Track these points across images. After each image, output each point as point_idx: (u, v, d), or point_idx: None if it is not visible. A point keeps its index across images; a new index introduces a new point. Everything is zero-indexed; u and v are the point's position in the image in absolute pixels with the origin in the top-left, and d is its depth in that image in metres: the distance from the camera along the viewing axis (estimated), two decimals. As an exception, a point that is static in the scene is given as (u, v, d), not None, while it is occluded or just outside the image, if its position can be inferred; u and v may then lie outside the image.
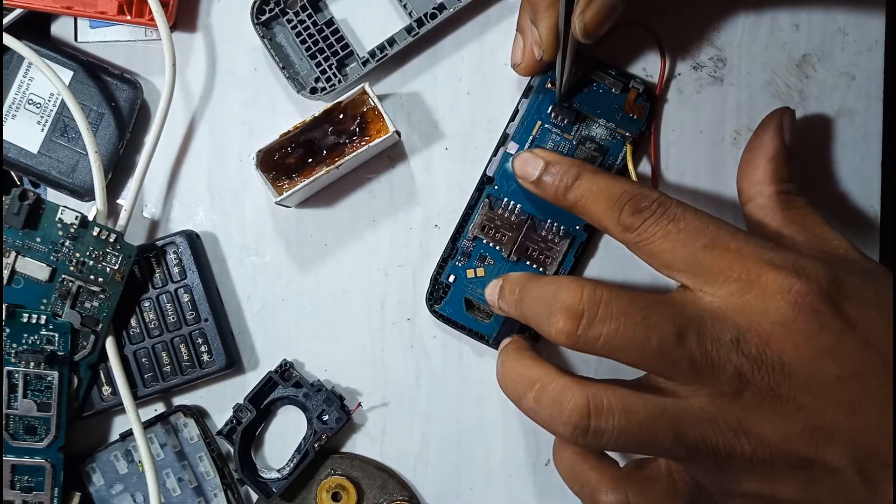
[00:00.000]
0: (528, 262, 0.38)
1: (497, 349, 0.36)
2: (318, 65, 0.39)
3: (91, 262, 0.37)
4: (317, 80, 0.39)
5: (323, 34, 0.39)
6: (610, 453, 0.35)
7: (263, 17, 0.39)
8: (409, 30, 0.39)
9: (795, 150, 0.36)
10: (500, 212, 0.38)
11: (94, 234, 0.37)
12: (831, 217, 0.39)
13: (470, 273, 0.39)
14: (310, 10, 0.39)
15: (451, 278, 0.39)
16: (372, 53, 0.39)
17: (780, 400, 0.29)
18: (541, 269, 0.38)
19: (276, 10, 0.39)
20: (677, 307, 0.30)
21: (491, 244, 0.38)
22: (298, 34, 0.39)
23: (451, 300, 0.39)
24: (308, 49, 0.39)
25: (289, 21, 0.39)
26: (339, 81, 0.39)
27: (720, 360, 0.29)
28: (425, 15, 0.39)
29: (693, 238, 0.31)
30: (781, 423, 0.29)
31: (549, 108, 0.38)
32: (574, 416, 0.30)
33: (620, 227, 0.32)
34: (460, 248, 0.39)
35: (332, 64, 0.39)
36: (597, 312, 0.30)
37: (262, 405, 0.39)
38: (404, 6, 0.39)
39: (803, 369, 0.29)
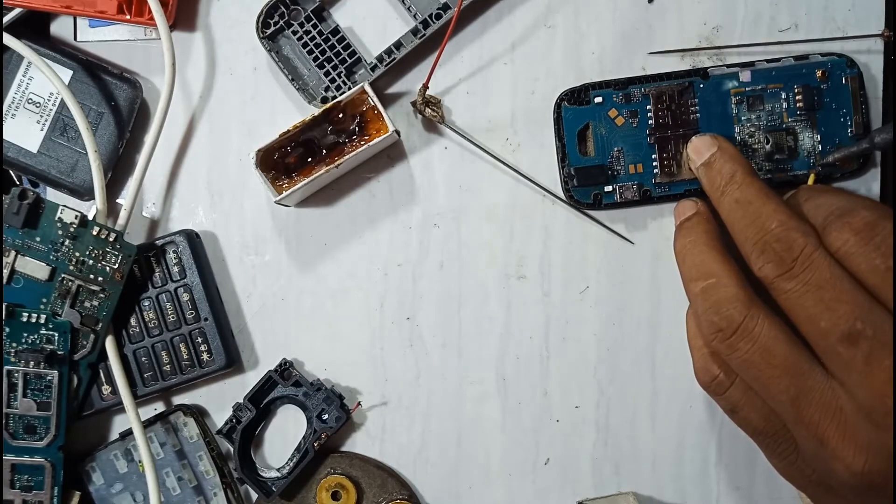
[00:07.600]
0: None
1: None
2: (327, 73, 0.39)
3: (91, 262, 0.37)
4: (326, 89, 0.39)
5: (329, 43, 0.39)
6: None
7: (268, 31, 0.39)
8: (415, 32, 0.39)
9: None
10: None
11: (94, 233, 0.37)
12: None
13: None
14: (314, 21, 0.39)
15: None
16: (380, 58, 0.39)
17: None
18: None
19: (281, 22, 0.39)
20: (870, 314, 0.28)
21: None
22: (305, 45, 0.39)
23: None
24: (316, 59, 0.39)
25: (294, 33, 0.39)
26: (350, 89, 0.39)
27: (883, 393, 0.27)
28: (430, 16, 0.38)
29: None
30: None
31: None
32: (723, 323, 0.29)
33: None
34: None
35: (341, 72, 0.39)
36: (798, 273, 0.29)
37: (261, 404, 0.39)
38: (408, 8, 0.39)
39: None
